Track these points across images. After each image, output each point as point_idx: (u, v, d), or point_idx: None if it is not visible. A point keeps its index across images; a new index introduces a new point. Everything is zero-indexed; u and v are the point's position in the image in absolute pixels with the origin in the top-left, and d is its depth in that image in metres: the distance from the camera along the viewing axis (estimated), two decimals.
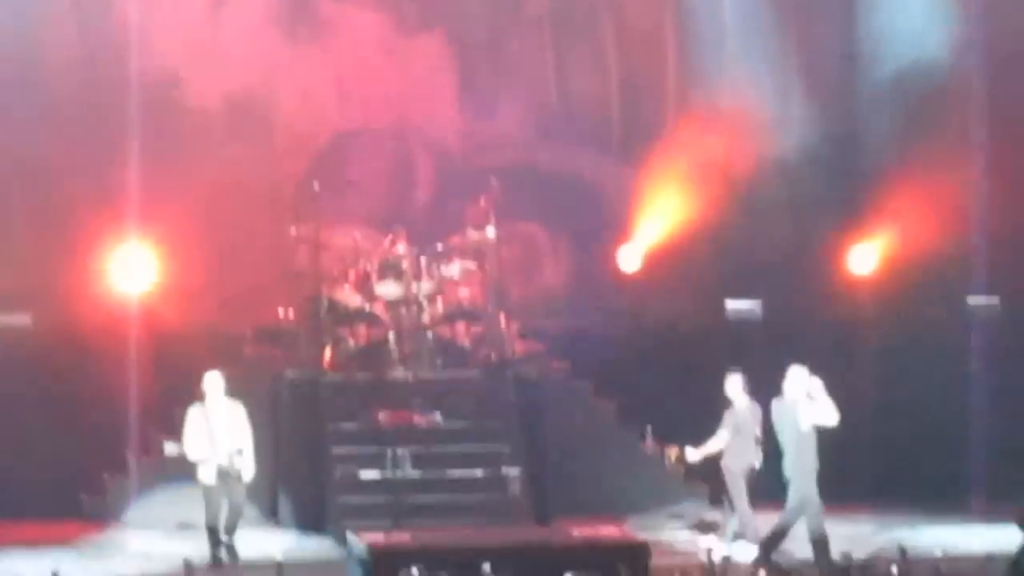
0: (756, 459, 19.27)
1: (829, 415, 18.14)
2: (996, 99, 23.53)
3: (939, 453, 22.26)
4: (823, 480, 18.20)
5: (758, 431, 19.35)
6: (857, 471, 21.32)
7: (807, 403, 18.13)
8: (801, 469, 18.06)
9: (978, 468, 22.18)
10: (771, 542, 18.02)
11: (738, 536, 19.32)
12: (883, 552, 17.94)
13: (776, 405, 18.37)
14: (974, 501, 21.31)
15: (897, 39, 24.00)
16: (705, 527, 20.49)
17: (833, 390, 18.46)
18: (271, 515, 20.74)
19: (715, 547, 18.63)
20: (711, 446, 19.50)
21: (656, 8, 24.65)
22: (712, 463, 19.99)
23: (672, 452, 21.46)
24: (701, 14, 24.20)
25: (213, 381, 18.90)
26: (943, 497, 20.94)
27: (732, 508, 19.56)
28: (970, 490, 21.64)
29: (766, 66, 23.82)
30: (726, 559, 17.80)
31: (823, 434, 18.37)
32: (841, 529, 18.70)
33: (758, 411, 19.25)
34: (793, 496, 18.07)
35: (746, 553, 18.45)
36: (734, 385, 19.34)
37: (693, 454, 19.81)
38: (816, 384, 18.13)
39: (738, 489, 19.34)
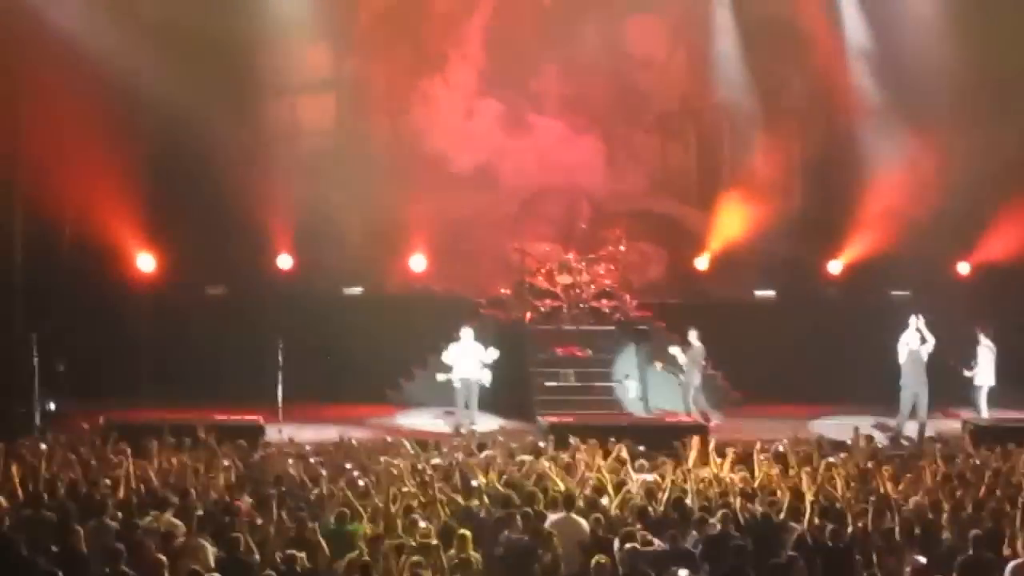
0: (698, 379, 25.06)
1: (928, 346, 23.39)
2: None
3: None
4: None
5: (702, 361, 25.09)
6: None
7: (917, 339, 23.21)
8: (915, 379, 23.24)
9: None
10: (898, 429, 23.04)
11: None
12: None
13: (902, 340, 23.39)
14: None
15: None
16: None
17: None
18: (496, 406, 25.31)
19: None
20: (677, 357, 24.90)
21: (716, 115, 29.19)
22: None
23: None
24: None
25: (466, 330, 24.89)
26: None
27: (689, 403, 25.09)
28: None
29: None
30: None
31: None
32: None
33: (702, 350, 24.98)
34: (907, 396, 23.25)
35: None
36: (693, 335, 25.19)
37: (673, 350, 25.12)
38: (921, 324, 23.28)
39: (688, 392, 25.11)
